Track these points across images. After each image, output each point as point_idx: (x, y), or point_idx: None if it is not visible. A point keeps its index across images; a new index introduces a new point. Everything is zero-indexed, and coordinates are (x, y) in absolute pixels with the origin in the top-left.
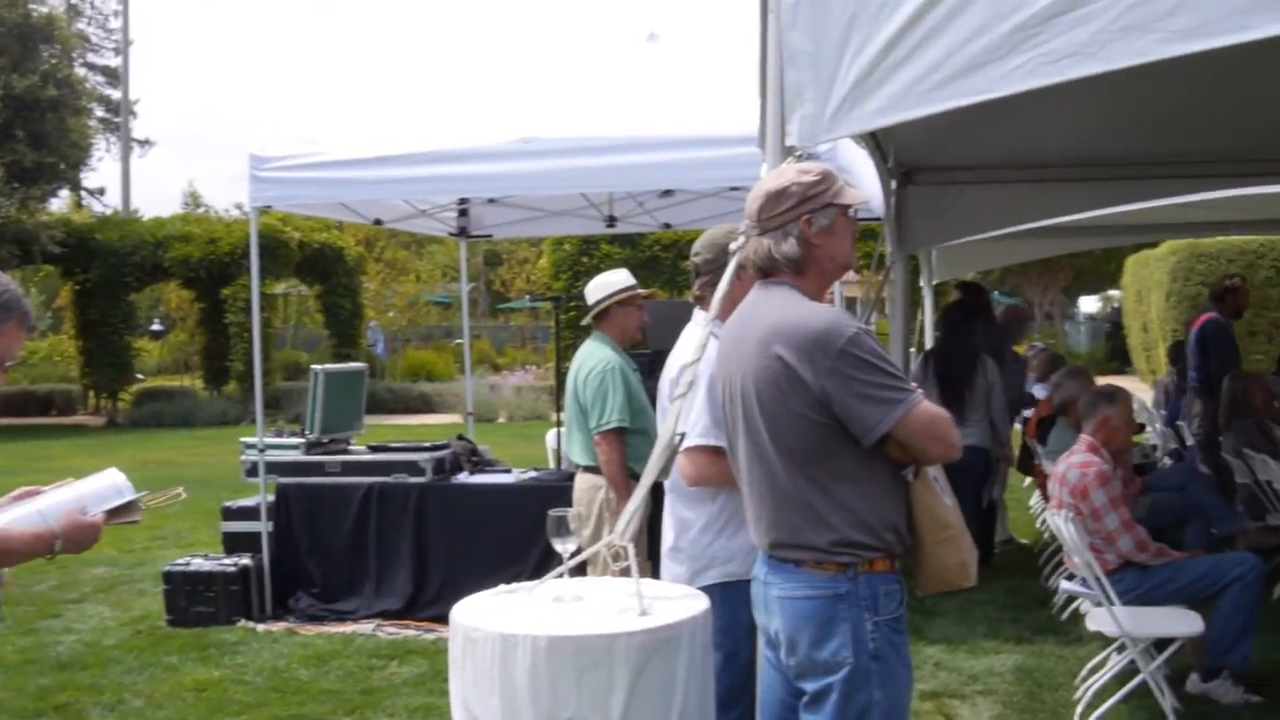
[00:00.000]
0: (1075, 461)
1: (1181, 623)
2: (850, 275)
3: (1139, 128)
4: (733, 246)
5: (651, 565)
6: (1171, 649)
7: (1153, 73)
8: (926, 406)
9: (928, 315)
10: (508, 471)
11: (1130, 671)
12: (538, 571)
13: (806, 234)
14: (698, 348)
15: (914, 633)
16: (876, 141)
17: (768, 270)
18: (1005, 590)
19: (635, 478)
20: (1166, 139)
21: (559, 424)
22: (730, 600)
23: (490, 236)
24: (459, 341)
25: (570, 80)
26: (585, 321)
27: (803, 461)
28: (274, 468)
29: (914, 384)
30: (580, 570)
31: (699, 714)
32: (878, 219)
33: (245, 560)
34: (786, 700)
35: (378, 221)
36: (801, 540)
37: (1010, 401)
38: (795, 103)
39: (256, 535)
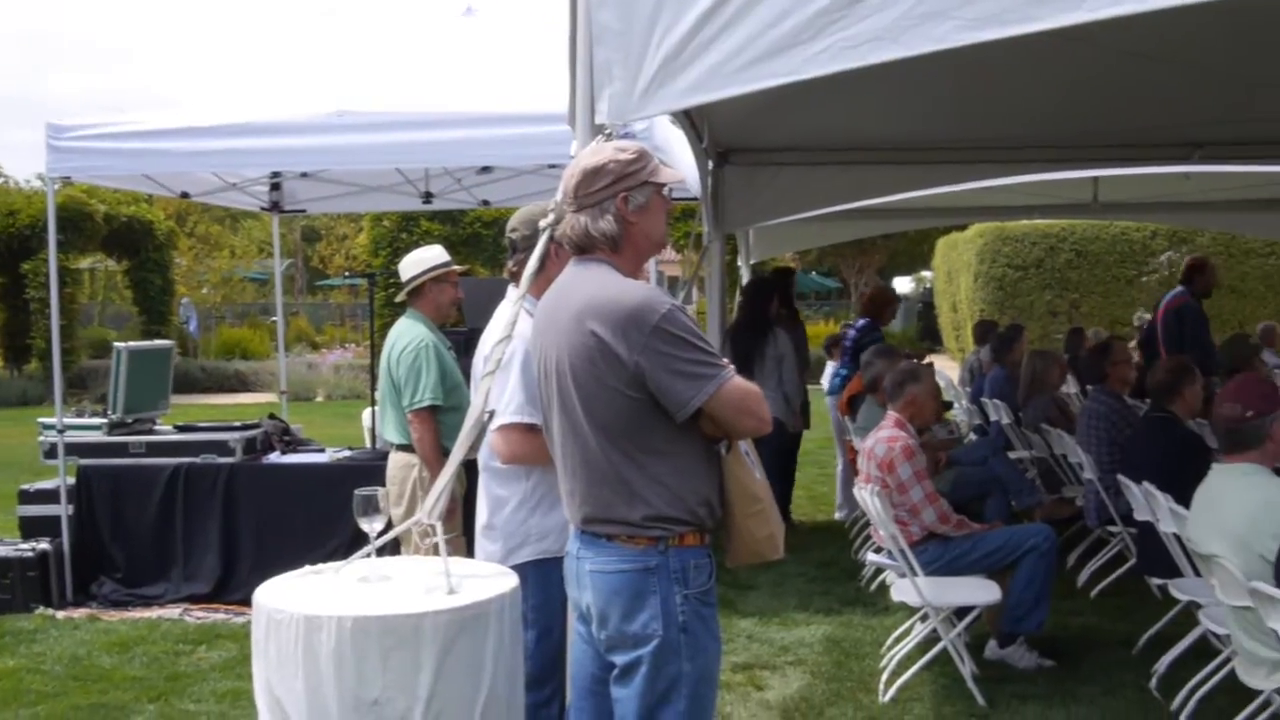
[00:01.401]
0: (882, 436)
1: (980, 592)
2: (670, 254)
3: (949, 114)
4: (543, 224)
5: (467, 543)
6: (970, 617)
7: (960, 60)
8: (738, 382)
9: None
10: (321, 451)
11: (932, 639)
12: (351, 552)
13: (623, 211)
14: (508, 324)
15: (728, 606)
16: (691, 121)
17: (584, 247)
18: (816, 564)
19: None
20: (974, 125)
21: (374, 403)
22: (544, 577)
23: (304, 212)
24: (275, 319)
25: (385, 53)
26: (400, 298)
27: (616, 436)
28: (75, 449)
29: (726, 360)
30: (395, 550)
31: (508, 692)
32: (695, 199)
33: (44, 545)
34: (597, 674)
35: (185, 195)
36: (614, 515)
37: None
38: (604, 81)
39: (56, 519)
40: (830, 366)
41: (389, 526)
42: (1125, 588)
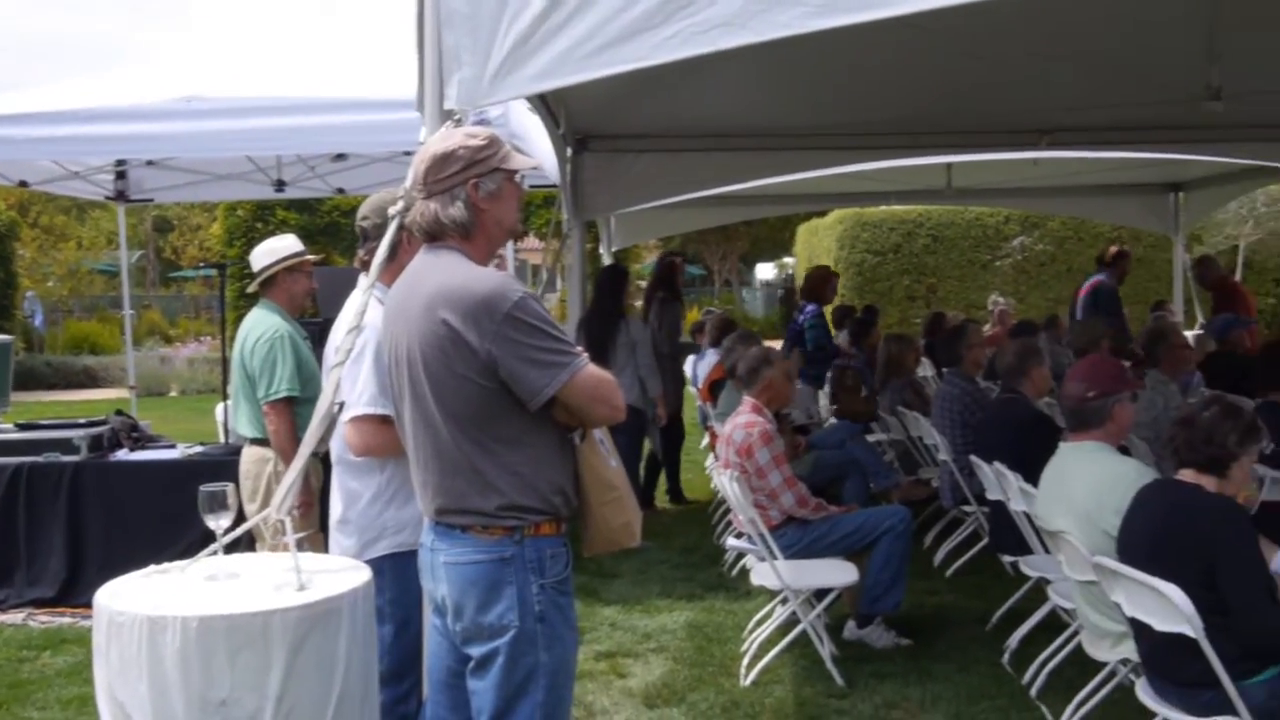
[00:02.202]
0: (740, 422)
1: (838, 573)
2: (532, 242)
3: (807, 101)
4: (393, 211)
5: (324, 539)
6: (829, 599)
7: (816, 47)
8: (591, 370)
9: None
10: (172, 447)
11: (793, 622)
12: (202, 550)
13: (474, 198)
14: (359, 314)
15: (591, 595)
16: (548, 107)
17: (434, 234)
18: (679, 550)
19: None
20: (832, 112)
21: (227, 396)
22: (401, 571)
23: (152, 200)
24: (125, 312)
25: (235, 37)
26: (252, 289)
27: (469, 426)
28: None
29: (579, 348)
30: (252, 548)
31: (362, 688)
32: (556, 185)
33: None
34: (454, 667)
35: (23, 184)
36: (468, 505)
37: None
38: (453, 66)
39: None
40: (694, 358)
41: (238, 523)
42: (980, 566)
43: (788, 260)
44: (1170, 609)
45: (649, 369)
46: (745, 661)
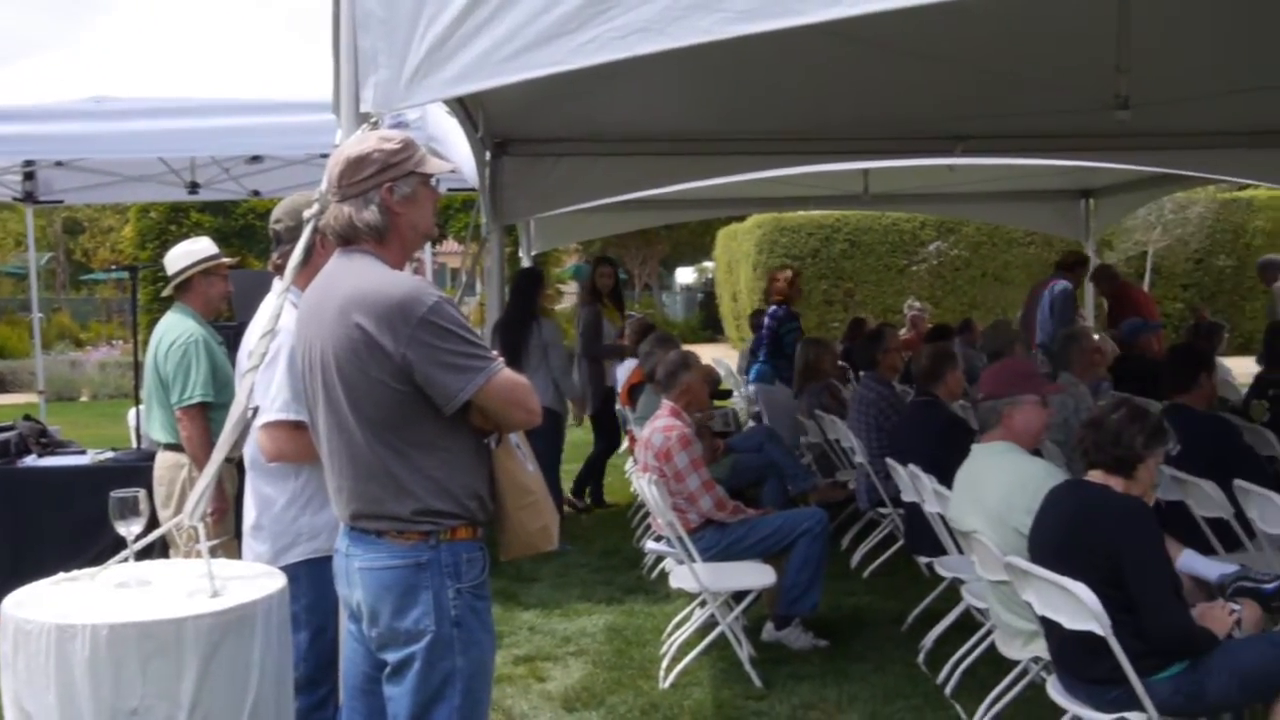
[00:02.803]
0: (659, 426)
1: (756, 576)
2: (452, 245)
3: (727, 106)
4: (307, 214)
5: (240, 544)
6: (747, 601)
7: (735, 53)
8: (507, 374)
9: None
10: (82, 453)
11: (711, 624)
12: (113, 557)
13: (388, 202)
14: (272, 318)
15: (510, 599)
16: (466, 111)
17: (348, 238)
18: (599, 553)
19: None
20: (751, 117)
21: (139, 401)
22: (316, 576)
23: (61, 202)
24: (33, 315)
25: (147, 37)
26: (166, 292)
27: (383, 430)
28: None
29: (495, 352)
30: (166, 555)
31: (276, 695)
32: (474, 189)
33: None
34: (369, 673)
35: None
36: (383, 510)
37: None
38: (369, 68)
39: None
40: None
41: (151, 529)
42: (896, 567)
43: (707, 264)
44: (1079, 607)
45: (561, 371)
46: (664, 664)
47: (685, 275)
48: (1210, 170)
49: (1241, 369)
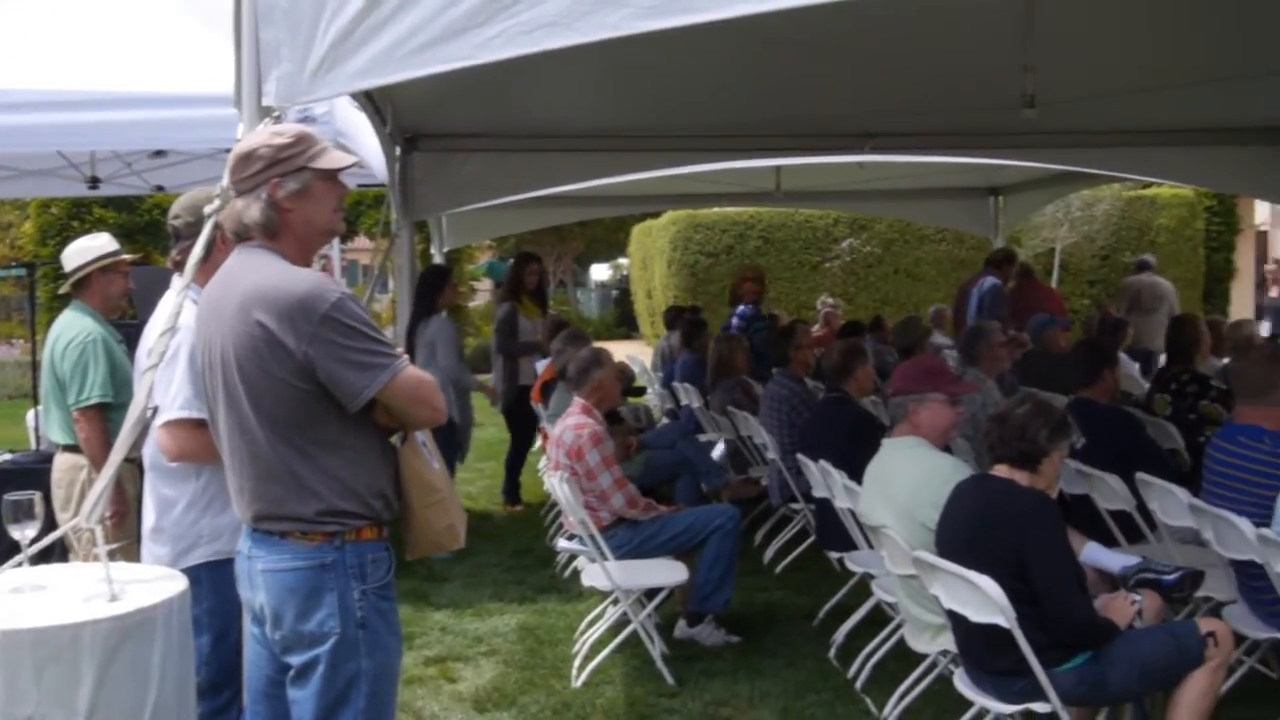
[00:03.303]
0: (570, 424)
1: (668, 573)
2: (363, 241)
3: (639, 102)
4: (208, 209)
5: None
6: (659, 598)
7: (647, 48)
8: (412, 371)
9: None
10: None
11: (624, 622)
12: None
13: (275, 197)
14: (172, 315)
15: (421, 599)
16: (375, 105)
17: (240, 234)
18: (511, 553)
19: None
20: (663, 114)
21: (38, 402)
22: (218, 579)
23: None
24: None
25: (44, 27)
26: (64, 290)
27: (286, 430)
28: None
29: (399, 349)
30: (64, 559)
31: (177, 701)
32: (384, 185)
33: None
34: (274, 676)
35: None
36: (286, 511)
37: None
38: (272, 62)
39: None
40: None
41: (47, 533)
42: (808, 563)
43: (622, 261)
44: (984, 600)
45: (451, 369)
46: (576, 663)
47: (600, 272)
48: (1115, 169)
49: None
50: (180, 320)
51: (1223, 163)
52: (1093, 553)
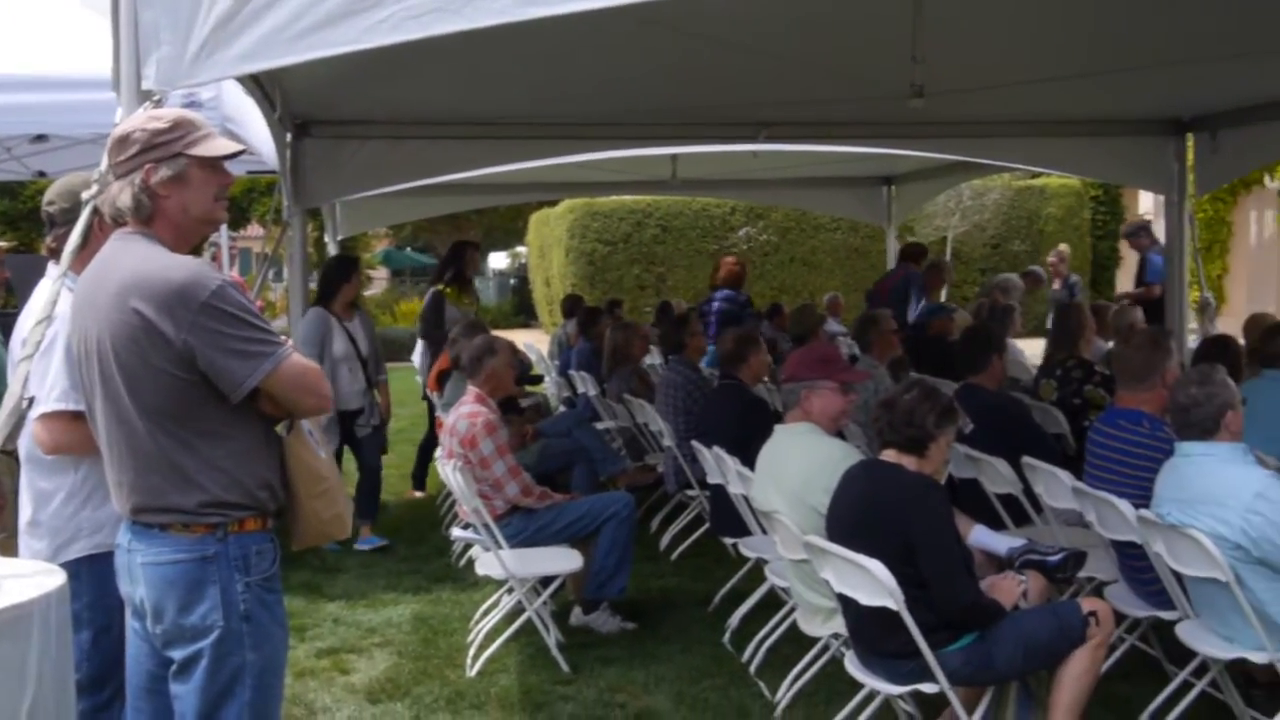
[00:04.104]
0: (464, 412)
1: (563, 561)
2: (256, 229)
3: (534, 90)
4: (85, 195)
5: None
6: (554, 586)
7: (541, 35)
8: (297, 359)
9: None
10: None
11: (518, 610)
12: None
13: (149, 183)
14: (48, 304)
15: (313, 590)
16: (263, 90)
17: (116, 219)
18: (406, 543)
19: None
20: (560, 101)
21: None
22: (98, 573)
23: None
24: None
25: None
26: None
27: (166, 420)
28: None
29: (284, 337)
30: None
31: (56, 699)
32: (275, 171)
33: None
34: (155, 671)
35: None
36: (166, 503)
37: None
38: (151, 44)
39: None
40: (421, 342)
41: None
42: (704, 549)
43: (520, 249)
44: (873, 583)
45: (369, 366)
46: (471, 652)
47: (498, 260)
48: (1004, 159)
49: (1034, 350)
50: (57, 309)
51: (1107, 154)
52: (980, 535)
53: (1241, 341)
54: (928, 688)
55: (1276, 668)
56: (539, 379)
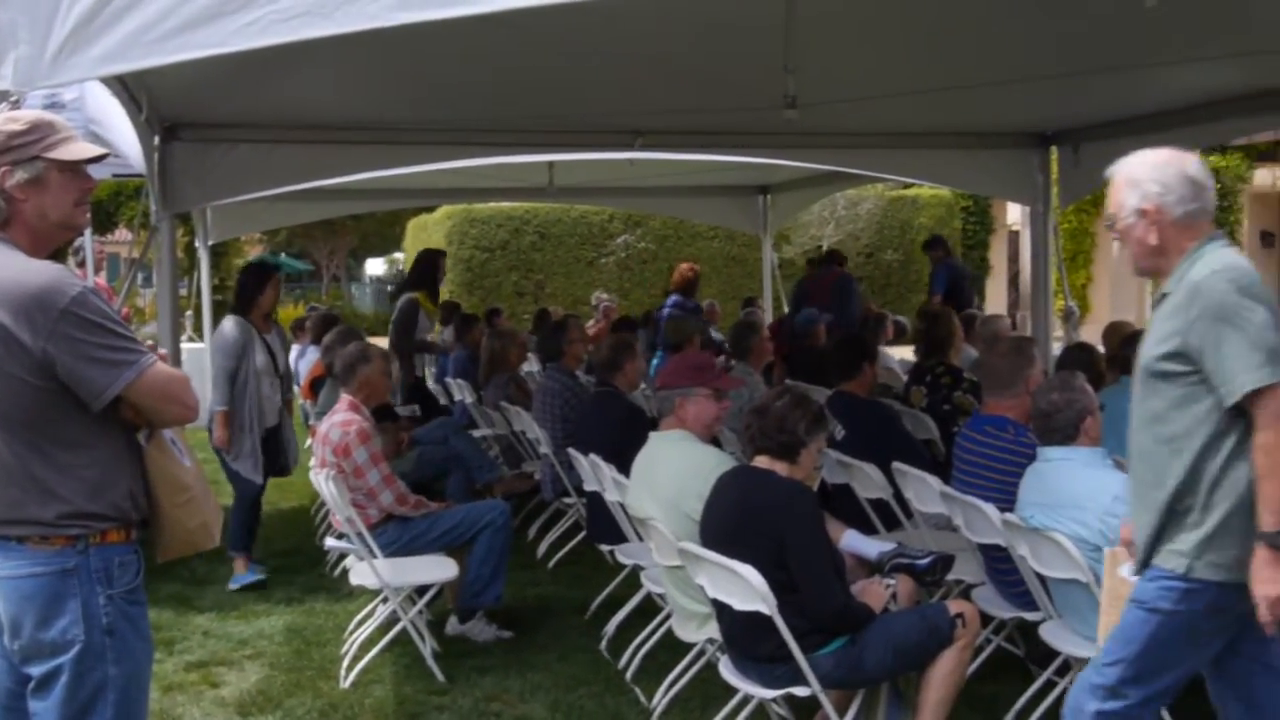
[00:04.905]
0: (337, 420)
1: (438, 569)
2: (124, 234)
3: (411, 95)
4: None
5: None
6: (429, 595)
7: (415, 41)
8: (161, 368)
9: (204, 276)
10: None
11: (394, 620)
12: None
13: (5, 186)
14: None
15: (182, 603)
16: (129, 92)
17: None
18: (279, 553)
19: None
20: (436, 107)
21: None
22: None
23: None
24: None
25: None
26: None
27: (23, 430)
28: None
29: (148, 344)
30: None
31: None
32: (141, 175)
33: None
34: (13, 688)
35: None
36: (24, 515)
37: None
38: (9, 44)
39: None
40: (295, 349)
41: None
42: (581, 556)
43: (397, 255)
44: (746, 589)
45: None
46: (345, 663)
47: (375, 266)
48: (876, 169)
49: (905, 357)
50: None
51: (975, 166)
52: (851, 540)
53: (1102, 349)
54: (800, 691)
55: None
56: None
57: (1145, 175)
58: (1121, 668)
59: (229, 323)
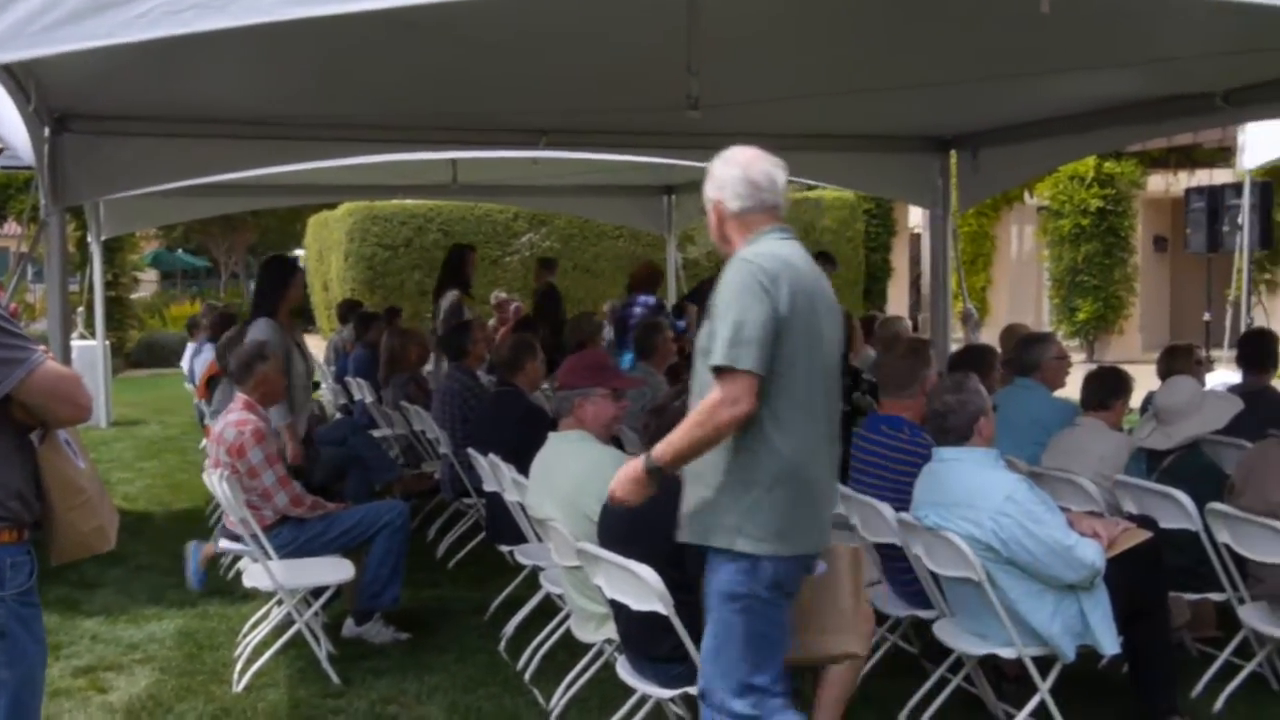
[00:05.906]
0: (232, 420)
1: (334, 571)
2: (13, 228)
3: (312, 90)
4: None
5: None
6: (325, 597)
7: (317, 35)
8: (52, 366)
9: (97, 272)
10: None
11: (288, 623)
12: None
13: None
14: None
15: (70, 606)
16: (17, 81)
17: None
18: (172, 555)
19: None
20: (338, 103)
21: None
22: None
23: None
24: None
25: None
26: None
27: None
28: None
29: (40, 344)
30: None
31: None
32: (30, 167)
33: None
34: None
35: None
36: None
37: None
38: None
39: None
40: (190, 347)
41: None
42: (481, 557)
43: (298, 252)
44: (644, 589)
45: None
46: (238, 667)
47: None
48: None
49: None
50: None
51: (876, 169)
52: None
53: (999, 350)
54: (696, 690)
55: (1024, 662)
56: (315, 385)
57: (716, 171)
58: None
59: (265, 327)
